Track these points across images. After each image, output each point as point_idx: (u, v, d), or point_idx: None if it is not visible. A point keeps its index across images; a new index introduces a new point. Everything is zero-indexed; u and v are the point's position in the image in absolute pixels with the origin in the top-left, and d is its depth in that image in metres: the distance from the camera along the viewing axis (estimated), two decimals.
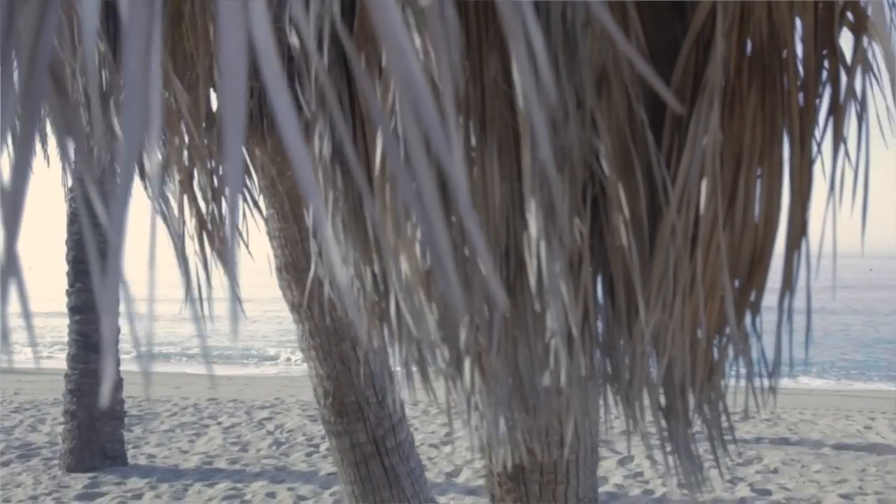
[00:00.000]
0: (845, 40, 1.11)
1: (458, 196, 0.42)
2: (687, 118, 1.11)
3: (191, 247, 1.88)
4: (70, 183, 7.03)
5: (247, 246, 2.12)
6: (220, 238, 1.94)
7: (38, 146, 7.75)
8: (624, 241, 1.04)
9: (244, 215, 2.28)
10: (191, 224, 1.86)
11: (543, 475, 1.91)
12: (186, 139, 1.71)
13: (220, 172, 1.85)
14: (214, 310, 1.90)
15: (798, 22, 1.08)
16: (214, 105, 1.87)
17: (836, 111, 1.09)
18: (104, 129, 1.76)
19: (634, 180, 1.06)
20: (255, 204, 2.31)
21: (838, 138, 1.10)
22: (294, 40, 1.19)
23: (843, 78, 1.10)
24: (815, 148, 1.14)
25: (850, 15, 1.07)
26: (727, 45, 1.01)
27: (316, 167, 1.33)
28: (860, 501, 5.79)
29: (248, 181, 2.38)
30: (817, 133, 1.13)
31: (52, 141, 7.64)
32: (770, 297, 1.22)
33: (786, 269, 1.15)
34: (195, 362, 20.05)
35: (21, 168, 0.47)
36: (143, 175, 1.72)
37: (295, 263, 2.58)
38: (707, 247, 1.11)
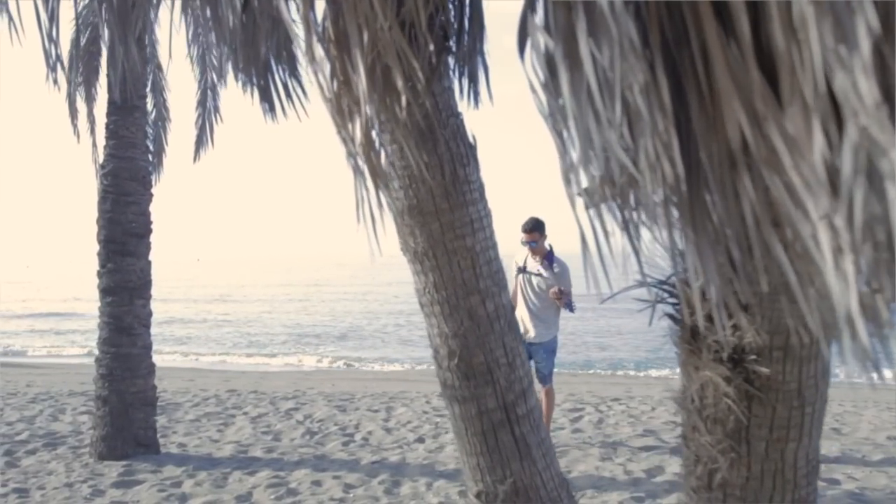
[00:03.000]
0: None
1: None
2: None
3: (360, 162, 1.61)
4: (101, 159, 6.75)
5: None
6: (375, 155, 1.66)
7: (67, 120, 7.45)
8: None
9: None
10: (358, 137, 1.59)
11: (773, 431, 1.63)
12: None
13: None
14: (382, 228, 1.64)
15: None
16: None
17: None
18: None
19: None
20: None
21: None
22: None
23: None
24: None
25: None
26: None
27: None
28: None
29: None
30: None
31: (81, 115, 7.34)
32: None
33: None
34: (205, 358, 19.79)
35: None
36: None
37: (420, 206, 2.29)
38: None
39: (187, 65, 7.50)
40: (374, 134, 1.75)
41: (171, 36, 6.74)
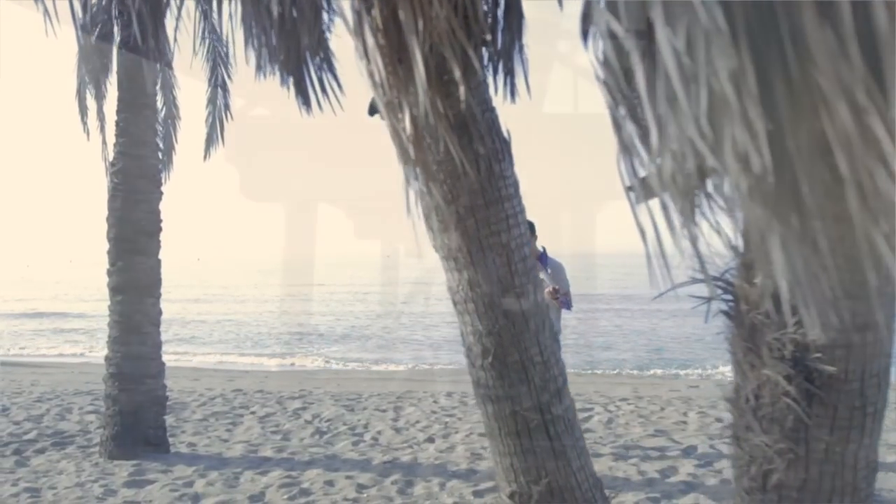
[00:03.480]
0: None
1: None
2: None
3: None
4: (111, 157, 6.72)
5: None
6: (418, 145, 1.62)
7: (76, 119, 7.41)
8: None
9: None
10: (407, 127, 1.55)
11: (834, 431, 1.59)
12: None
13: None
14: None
15: None
16: None
17: None
18: None
19: None
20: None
21: None
22: None
23: None
24: None
25: None
26: None
27: None
28: None
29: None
30: None
31: (91, 112, 7.29)
32: None
33: None
34: (207, 357, 19.74)
35: None
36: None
37: (455, 202, 2.25)
38: None
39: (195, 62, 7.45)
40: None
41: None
